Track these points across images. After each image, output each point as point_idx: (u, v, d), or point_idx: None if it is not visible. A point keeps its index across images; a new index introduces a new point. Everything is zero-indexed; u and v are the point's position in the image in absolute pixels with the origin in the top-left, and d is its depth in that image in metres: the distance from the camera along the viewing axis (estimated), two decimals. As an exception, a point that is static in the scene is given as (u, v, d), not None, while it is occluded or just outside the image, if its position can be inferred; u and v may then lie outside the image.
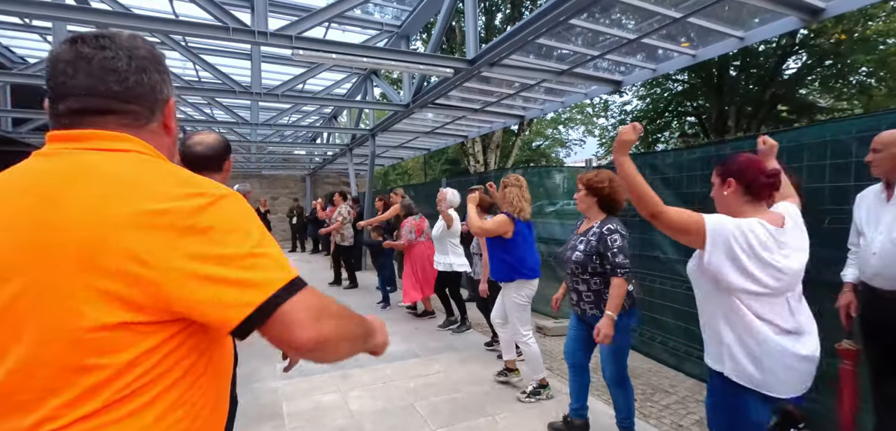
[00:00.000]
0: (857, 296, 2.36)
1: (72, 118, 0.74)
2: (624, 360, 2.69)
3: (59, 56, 0.75)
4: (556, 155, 23.95)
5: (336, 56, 4.49)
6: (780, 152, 2.96)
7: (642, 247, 4.45)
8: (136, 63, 0.78)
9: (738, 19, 4.16)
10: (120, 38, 0.78)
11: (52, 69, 0.75)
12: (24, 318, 0.64)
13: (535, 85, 5.99)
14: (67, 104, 0.74)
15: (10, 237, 0.66)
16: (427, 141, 11.01)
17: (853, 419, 2.30)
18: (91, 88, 0.74)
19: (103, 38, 0.76)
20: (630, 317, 2.58)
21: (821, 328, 2.67)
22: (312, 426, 3.05)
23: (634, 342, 4.54)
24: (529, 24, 3.85)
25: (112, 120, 0.76)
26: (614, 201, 2.64)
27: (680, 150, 4.79)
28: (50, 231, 0.65)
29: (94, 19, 4.02)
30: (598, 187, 2.62)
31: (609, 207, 2.66)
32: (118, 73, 0.76)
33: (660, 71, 5.31)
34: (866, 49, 10.60)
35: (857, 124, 2.67)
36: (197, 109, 9.67)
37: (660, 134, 16.17)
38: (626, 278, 2.45)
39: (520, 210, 3.34)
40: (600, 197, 2.64)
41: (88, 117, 0.75)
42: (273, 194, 17.01)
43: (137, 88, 0.78)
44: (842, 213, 2.58)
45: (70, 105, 0.74)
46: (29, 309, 0.64)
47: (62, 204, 0.66)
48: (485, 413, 3.20)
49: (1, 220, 0.67)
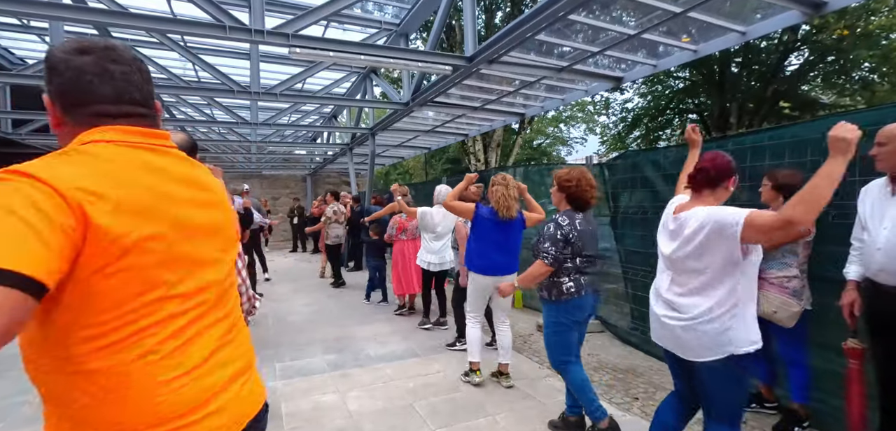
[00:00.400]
0: (861, 294, 2.33)
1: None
2: (557, 349, 2.79)
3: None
4: (557, 153, 23.88)
5: (334, 54, 4.46)
6: (783, 148, 2.91)
7: (643, 244, 4.42)
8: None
9: (740, 14, 4.11)
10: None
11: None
12: None
13: (535, 82, 5.95)
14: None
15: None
16: (427, 140, 10.98)
17: (862, 418, 2.26)
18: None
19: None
20: (559, 309, 2.71)
21: (825, 326, 2.67)
22: (311, 426, 3.02)
23: (635, 339, 4.51)
24: (528, 20, 3.81)
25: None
26: (581, 198, 2.76)
27: (683, 146, 4.74)
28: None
29: (91, 18, 4.00)
30: (566, 184, 2.78)
31: (577, 203, 2.78)
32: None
33: (661, 67, 5.26)
34: (869, 44, 10.51)
35: (862, 118, 2.62)
36: (196, 109, 9.66)
37: (661, 132, 16.10)
38: (549, 265, 2.66)
39: (506, 208, 3.41)
40: (568, 193, 2.78)
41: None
42: (274, 194, 17.01)
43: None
44: (847, 209, 2.54)
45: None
46: None
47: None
48: (485, 412, 3.17)
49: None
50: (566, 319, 2.72)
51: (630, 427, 2.94)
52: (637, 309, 4.56)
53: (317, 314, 6.09)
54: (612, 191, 4.98)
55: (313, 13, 4.38)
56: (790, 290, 2.66)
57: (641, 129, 16.01)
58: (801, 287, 2.67)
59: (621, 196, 4.84)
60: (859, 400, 2.28)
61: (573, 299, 2.68)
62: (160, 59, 7.08)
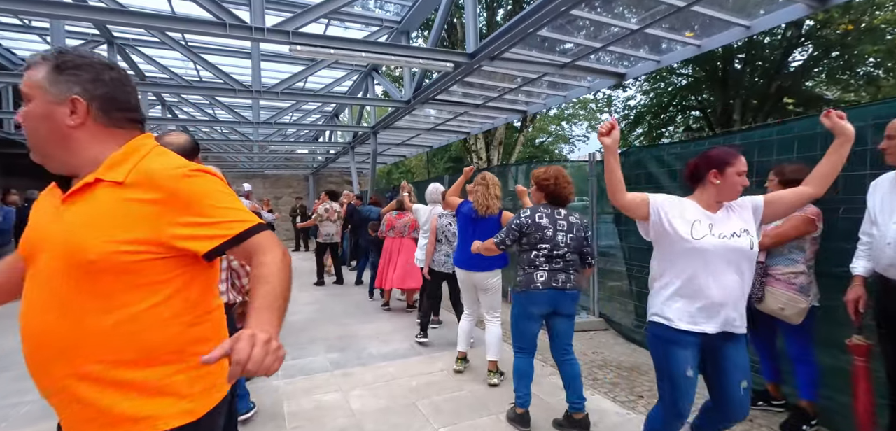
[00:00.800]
0: (869, 289, 2.29)
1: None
2: (513, 335, 2.91)
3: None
4: (559, 151, 23.83)
5: (335, 51, 4.44)
6: (791, 142, 2.88)
7: (647, 242, 4.38)
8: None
9: (744, 8, 4.07)
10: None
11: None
12: None
13: (537, 78, 5.92)
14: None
15: None
16: (429, 138, 10.96)
17: (870, 415, 2.22)
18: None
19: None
20: (517, 298, 2.86)
21: (833, 322, 2.63)
22: (314, 425, 3.00)
23: (639, 337, 4.48)
24: (530, 16, 3.78)
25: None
26: (559, 195, 2.88)
27: (687, 142, 4.70)
28: None
29: (91, 17, 4.00)
30: (544, 183, 2.89)
31: (555, 200, 2.89)
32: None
33: (664, 62, 5.22)
34: (873, 39, 10.40)
35: (871, 111, 2.58)
36: (199, 109, 9.66)
37: (664, 129, 16.02)
38: (496, 244, 2.90)
39: (484, 207, 3.59)
40: (547, 191, 2.89)
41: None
42: (276, 194, 17.02)
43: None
44: (856, 203, 2.50)
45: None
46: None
47: None
48: (488, 411, 3.15)
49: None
50: (520, 309, 2.84)
51: (635, 426, 2.91)
52: (641, 307, 4.52)
53: (318, 312, 6.08)
54: (615, 188, 4.93)
55: (314, 11, 4.36)
56: (797, 286, 2.62)
57: (644, 127, 15.94)
58: (808, 283, 2.64)
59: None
60: (866, 397, 2.24)
61: (527, 291, 2.79)
62: (162, 58, 7.08)
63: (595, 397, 3.34)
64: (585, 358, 4.19)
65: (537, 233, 2.78)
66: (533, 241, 2.79)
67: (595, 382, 3.65)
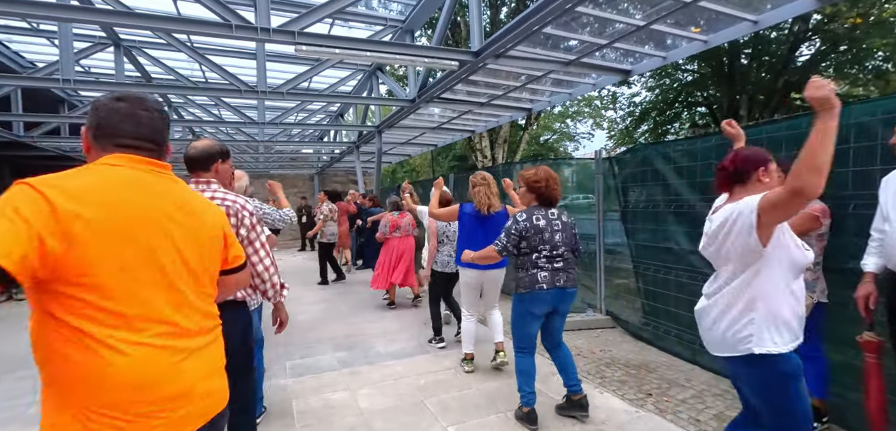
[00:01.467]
0: (880, 286, 2.26)
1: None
2: (515, 335, 2.93)
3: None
4: (564, 149, 23.76)
5: (340, 51, 4.44)
6: (800, 138, 2.85)
7: (654, 239, 4.37)
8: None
9: (751, 3, 4.03)
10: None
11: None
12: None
13: (541, 76, 5.90)
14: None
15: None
16: (434, 136, 10.95)
17: (882, 412, 2.20)
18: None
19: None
20: (521, 298, 2.84)
21: (842, 319, 2.60)
22: (322, 424, 3.01)
23: (647, 335, 4.47)
24: (535, 13, 3.76)
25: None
26: (549, 195, 2.87)
27: (693, 139, 4.67)
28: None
29: (98, 19, 4.02)
30: (535, 184, 2.87)
31: (545, 200, 2.87)
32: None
33: (670, 58, 5.19)
34: (882, 32, 10.26)
35: (881, 105, 2.56)
36: (204, 110, 9.71)
37: (669, 125, 15.92)
38: (498, 251, 2.84)
39: (487, 206, 3.63)
40: (538, 192, 2.87)
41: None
42: (281, 194, 17.07)
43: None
44: (867, 199, 2.47)
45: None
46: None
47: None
48: (496, 409, 3.15)
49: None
50: (523, 309, 2.84)
51: (644, 424, 2.90)
52: (649, 305, 4.51)
53: (326, 312, 6.10)
54: (621, 186, 4.92)
55: (318, 11, 4.37)
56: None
57: (649, 123, 15.84)
58: (813, 279, 2.62)
59: (631, 190, 4.78)
60: (878, 394, 2.22)
61: (532, 292, 2.78)
62: (168, 60, 7.11)
63: (603, 395, 3.33)
64: (593, 356, 4.18)
65: (537, 236, 2.77)
66: (533, 244, 2.78)
67: (603, 380, 3.65)
